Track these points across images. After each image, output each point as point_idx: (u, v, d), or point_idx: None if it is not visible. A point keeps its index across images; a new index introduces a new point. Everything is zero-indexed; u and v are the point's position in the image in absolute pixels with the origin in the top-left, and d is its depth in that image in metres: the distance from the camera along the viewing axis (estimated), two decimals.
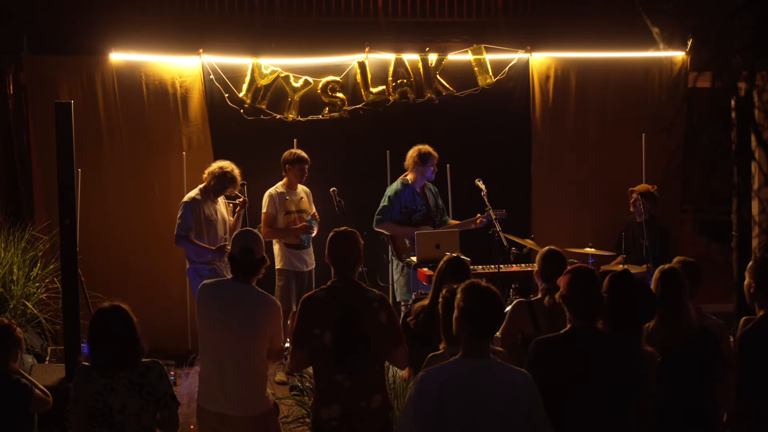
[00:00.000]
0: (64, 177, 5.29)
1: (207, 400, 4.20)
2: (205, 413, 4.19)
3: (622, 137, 8.05)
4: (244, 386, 4.14)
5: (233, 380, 4.12)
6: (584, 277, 3.64)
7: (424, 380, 3.19)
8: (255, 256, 4.21)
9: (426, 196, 7.15)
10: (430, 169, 7.06)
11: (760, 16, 2.77)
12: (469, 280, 3.36)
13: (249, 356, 4.13)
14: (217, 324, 4.17)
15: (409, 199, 7.07)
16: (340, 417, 3.92)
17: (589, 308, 3.59)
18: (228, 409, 4.12)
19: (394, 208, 7.04)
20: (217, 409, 4.15)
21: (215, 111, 7.82)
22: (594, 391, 3.48)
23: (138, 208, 7.73)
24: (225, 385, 4.13)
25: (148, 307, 7.29)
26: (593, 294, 3.61)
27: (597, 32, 8.05)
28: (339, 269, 4.06)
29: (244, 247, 4.20)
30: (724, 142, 2.95)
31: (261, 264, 4.26)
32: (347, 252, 4.06)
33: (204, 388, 4.24)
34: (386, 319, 3.97)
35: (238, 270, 4.24)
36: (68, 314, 5.37)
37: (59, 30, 7.72)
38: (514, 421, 3.11)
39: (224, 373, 4.13)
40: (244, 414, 4.13)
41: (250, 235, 4.30)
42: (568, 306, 3.62)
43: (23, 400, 4.23)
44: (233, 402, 4.12)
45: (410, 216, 7.05)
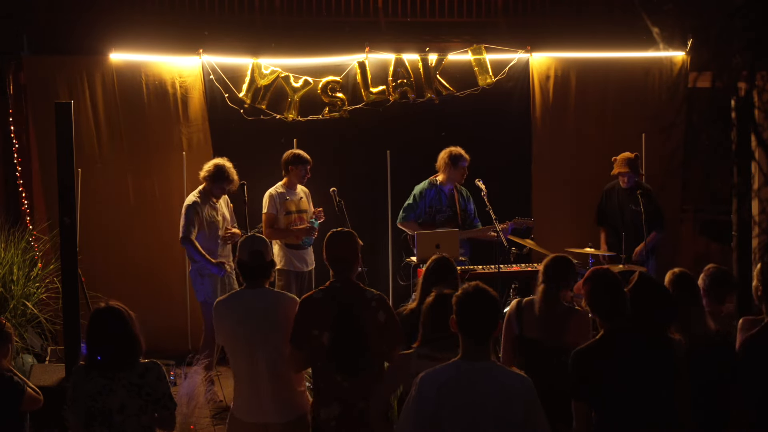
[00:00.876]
0: (64, 177, 5.29)
1: (247, 412, 4.11)
2: (245, 426, 4.10)
3: (622, 137, 8.05)
4: (285, 389, 4.09)
5: (274, 386, 4.06)
6: (601, 279, 3.64)
7: (423, 382, 3.18)
8: (265, 259, 4.18)
9: (454, 199, 7.12)
10: (459, 171, 7.02)
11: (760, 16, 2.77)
12: (467, 283, 3.34)
13: (284, 356, 4.07)
14: (243, 336, 4.11)
15: (435, 199, 7.05)
16: (339, 417, 3.92)
17: (611, 310, 3.58)
18: (271, 417, 4.06)
19: (418, 206, 7.05)
20: (259, 420, 4.07)
21: (215, 111, 7.82)
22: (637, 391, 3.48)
23: (138, 208, 7.74)
24: (266, 393, 4.06)
25: (148, 307, 7.30)
26: (617, 295, 3.60)
27: (597, 32, 8.06)
28: (337, 270, 4.06)
29: (253, 251, 4.14)
30: (724, 142, 2.94)
31: (271, 267, 4.22)
32: (345, 252, 4.06)
33: (242, 401, 4.15)
34: (385, 318, 3.97)
35: (249, 275, 4.18)
36: (68, 314, 5.37)
37: (59, 30, 7.72)
38: (512, 424, 3.10)
39: (263, 382, 4.06)
40: (287, 419, 4.07)
41: (256, 239, 4.25)
42: (595, 312, 3.63)
43: (15, 397, 4.21)
44: (272, 408, 4.06)
45: (434, 216, 7.03)
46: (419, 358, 3.66)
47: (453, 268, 4.65)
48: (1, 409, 4.19)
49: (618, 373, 3.50)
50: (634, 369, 3.50)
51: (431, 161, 7.39)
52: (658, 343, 3.60)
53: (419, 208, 7.05)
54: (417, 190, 7.13)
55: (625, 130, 8.08)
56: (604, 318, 3.61)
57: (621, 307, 3.60)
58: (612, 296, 3.60)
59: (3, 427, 4.20)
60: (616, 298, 3.61)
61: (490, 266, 6.64)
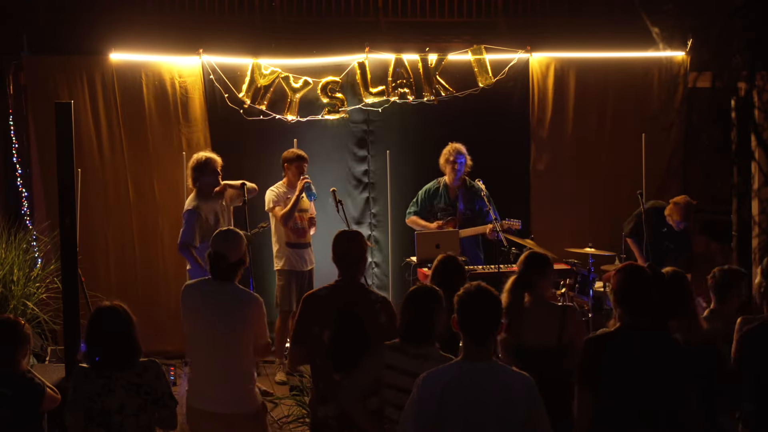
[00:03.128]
0: (64, 177, 5.29)
1: (197, 399, 4.21)
2: (196, 413, 4.20)
3: (622, 137, 8.06)
4: (232, 383, 4.16)
5: (222, 378, 4.14)
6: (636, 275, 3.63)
7: (426, 381, 3.19)
8: (228, 260, 4.18)
9: (458, 198, 7.17)
10: (449, 166, 7.11)
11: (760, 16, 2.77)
12: (469, 283, 3.34)
13: (236, 354, 4.15)
14: (202, 323, 4.20)
15: (436, 198, 7.18)
16: (336, 416, 3.93)
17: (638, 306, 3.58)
18: (218, 407, 4.14)
19: (420, 203, 7.25)
20: (208, 408, 4.16)
21: (215, 111, 7.81)
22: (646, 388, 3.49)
23: (138, 208, 7.73)
24: (212, 382, 4.16)
25: (148, 307, 7.35)
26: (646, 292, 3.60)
27: (597, 32, 8.06)
28: (343, 269, 4.08)
29: (216, 252, 4.19)
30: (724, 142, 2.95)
31: (237, 267, 4.23)
32: (352, 252, 4.08)
33: (194, 388, 4.25)
34: (386, 321, 3.97)
35: (213, 273, 4.24)
36: (68, 314, 5.37)
37: (59, 30, 7.72)
38: (513, 423, 3.10)
39: (213, 372, 4.15)
40: (233, 411, 4.14)
41: (228, 237, 4.27)
42: (618, 303, 3.62)
43: (36, 399, 4.20)
44: (223, 400, 4.14)
45: (435, 214, 7.17)
46: (391, 350, 3.68)
47: (460, 267, 4.65)
48: (24, 410, 4.17)
49: (630, 368, 3.50)
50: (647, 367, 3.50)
51: (431, 161, 7.40)
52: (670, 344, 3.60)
53: (421, 205, 7.23)
54: (423, 188, 7.32)
55: (625, 130, 8.08)
56: (629, 314, 3.59)
57: (648, 307, 3.59)
58: (642, 294, 3.59)
59: (24, 427, 4.18)
60: (646, 296, 3.59)
61: (490, 266, 6.64)
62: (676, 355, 3.56)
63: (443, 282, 4.36)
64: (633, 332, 3.57)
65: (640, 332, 3.57)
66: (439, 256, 4.73)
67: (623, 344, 3.55)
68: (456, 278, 4.44)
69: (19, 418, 4.15)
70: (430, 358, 3.55)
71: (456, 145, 7.14)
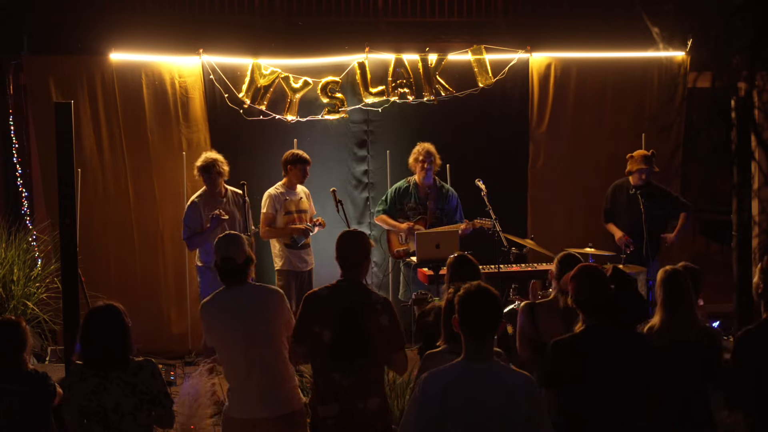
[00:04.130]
0: (64, 177, 5.29)
1: (241, 410, 4.11)
2: (240, 424, 4.11)
3: (622, 137, 8.06)
4: (278, 383, 4.12)
5: (266, 381, 4.08)
6: (590, 275, 3.66)
7: (428, 381, 3.20)
8: (237, 261, 4.17)
9: (428, 197, 7.17)
10: (419, 165, 7.14)
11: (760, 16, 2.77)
12: (469, 283, 3.34)
13: (274, 350, 4.10)
14: (232, 334, 4.12)
15: (406, 196, 7.22)
16: (336, 416, 3.93)
17: (597, 306, 3.61)
18: (266, 412, 4.07)
19: (390, 202, 7.26)
20: (254, 415, 4.07)
21: (215, 111, 7.81)
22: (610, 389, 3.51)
23: (138, 208, 7.73)
24: (259, 388, 4.08)
25: (147, 308, 7.36)
26: (600, 291, 3.63)
27: (597, 32, 8.06)
28: (346, 269, 4.08)
29: (223, 257, 4.17)
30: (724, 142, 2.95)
31: (246, 266, 4.21)
32: (355, 252, 4.08)
33: (236, 399, 4.15)
34: (387, 321, 3.97)
35: (225, 278, 4.21)
36: (68, 314, 5.37)
37: (59, 30, 7.71)
38: (515, 422, 3.11)
39: (255, 378, 4.08)
40: (282, 412, 4.09)
41: (229, 240, 4.26)
42: (578, 305, 3.65)
43: (49, 394, 4.21)
44: (270, 403, 4.08)
45: (405, 213, 7.21)
46: (450, 354, 3.64)
47: (475, 264, 4.66)
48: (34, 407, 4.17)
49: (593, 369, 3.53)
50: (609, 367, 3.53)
51: None
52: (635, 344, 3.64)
53: (390, 204, 7.27)
54: (393, 186, 7.37)
55: (625, 130, 8.09)
56: (588, 313, 3.64)
57: (606, 304, 3.63)
58: (598, 293, 3.63)
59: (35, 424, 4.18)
60: (602, 295, 3.63)
61: (490, 266, 6.64)
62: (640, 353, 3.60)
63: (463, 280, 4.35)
64: (594, 332, 3.60)
65: (600, 332, 3.60)
66: (452, 255, 4.73)
67: (585, 345, 3.58)
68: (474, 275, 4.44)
69: (31, 413, 4.15)
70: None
71: (425, 145, 7.16)
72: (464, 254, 4.72)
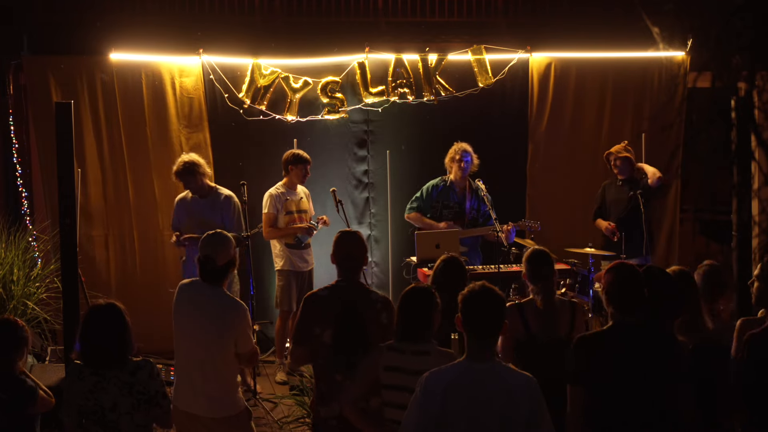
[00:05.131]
0: (64, 177, 5.29)
1: (179, 399, 4.22)
2: (178, 413, 4.21)
3: (622, 137, 8.05)
4: (211, 388, 4.17)
5: (201, 381, 4.16)
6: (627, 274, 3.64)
7: (429, 380, 3.20)
8: (216, 263, 4.18)
9: (465, 197, 7.12)
10: (458, 163, 7.04)
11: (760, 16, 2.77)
12: (473, 283, 3.34)
13: (215, 359, 4.16)
14: (186, 323, 4.23)
15: (443, 195, 7.10)
16: (338, 416, 3.92)
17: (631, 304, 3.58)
18: (197, 409, 4.16)
19: (424, 200, 7.12)
20: (188, 409, 4.17)
21: (215, 111, 7.81)
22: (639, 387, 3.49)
23: (138, 208, 7.73)
24: (194, 385, 4.17)
25: (148, 307, 7.34)
26: (636, 290, 3.60)
27: (597, 32, 8.06)
28: (344, 269, 4.09)
29: (205, 255, 4.20)
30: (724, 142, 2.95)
31: (225, 270, 4.24)
32: (353, 252, 4.09)
33: (176, 388, 4.27)
34: (387, 320, 3.98)
35: (203, 276, 4.25)
36: (68, 314, 5.37)
37: (59, 30, 7.71)
38: (516, 422, 3.11)
39: (193, 374, 4.17)
40: (213, 415, 4.16)
41: (215, 239, 4.27)
42: (611, 303, 3.62)
43: (26, 401, 4.20)
44: (202, 402, 4.15)
45: (441, 212, 7.07)
46: (389, 350, 3.68)
47: (462, 267, 4.65)
48: (13, 411, 4.17)
49: (621, 366, 3.50)
50: (638, 364, 3.50)
51: (431, 161, 7.40)
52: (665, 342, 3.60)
53: (426, 202, 7.11)
54: (429, 184, 7.19)
55: (625, 130, 8.09)
56: (619, 311, 3.60)
57: (638, 304, 3.60)
58: (632, 291, 3.60)
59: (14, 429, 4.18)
60: (636, 294, 3.60)
61: (490, 266, 6.64)
62: (669, 351, 3.57)
63: (446, 282, 4.36)
64: (624, 329, 3.58)
65: (631, 329, 3.57)
66: (441, 256, 4.73)
67: (614, 342, 3.56)
68: (458, 278, 4.44)
69: (10, 419, 4.15)
70: (430, 354, 3.56)
71: (463, 145, 7.08)
72: (452, 256, 4.70)
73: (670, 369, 3.54)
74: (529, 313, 4.30)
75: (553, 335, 4.23)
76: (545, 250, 4.49)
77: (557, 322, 4.26)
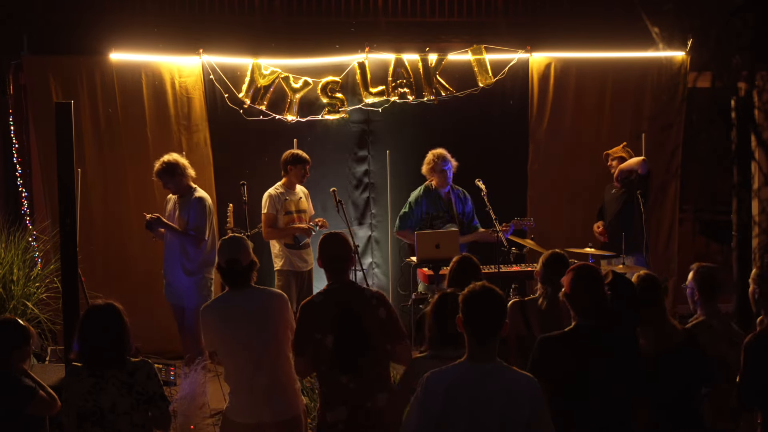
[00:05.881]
0: (64, 177, 5.28)
1: (243, 413, 4.09)
2: (237, 427, 4.10)
3: (622, 137, 8.04)
4: (282, 387, 4.11)
5: (272, 384, 4.08)
6: (587, 276, 3.65)
7: (430, 380, 3.20)
8: (242, 264, 4.16)
9: (451, 202, 7.08)
10: (440, 175, 6.97)
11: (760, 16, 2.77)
12: (473, 283, 3.34)
13: (276, 354, 4.10)
14: (236, 338, 4.11)
15: (431, 205, 7.00)
16: (346, 420, 3.92)
17: (591, 306, 3.60)
18: (269, 416, 4.05)
19: (414, 215, 6.99)
20: (257, 420, 4.06)
21: (215, 111, 7.81)
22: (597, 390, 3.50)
23: (138, 208, 7.71)
24: (254, 391, 4.06)
25: (148, 307, 7.34)
26: (596, 292, 3.62)
27: (597, 32, 8.06)
28: (332, 271, 4.08)
29: (229, 258, 4.17)
30: (724, 142, 2.95)
31: (251, 269, 4.21)
32: (339, 253, 4.08)
33: (238, 402, 4.13)
34: (385, 314, 3.98)
35: (230, 281, 4.20)
36: (68, 314, 5.36)
37: (59, 30, 7.71)
38: (516, 423, 3.11)
39: (257, 381, 4.06)
40: (284, 417, 4.08)
41: (234, 242, 4.24)
42: (571, 304, 3.64)
43: (21, 401, 4.16)
44: (274, 407, 4.07)
45: (431, 223, 6.96)
46: (432, 359, 3.65)
47: (477, 268, 4.64)
48: (7, 411, 4.15)
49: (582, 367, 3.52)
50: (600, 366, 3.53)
51: None
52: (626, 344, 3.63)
53: (415, 216, 7.00)
54: (412, 197, 7.08)
55: (625, 130, 8.08)
56: (581, 313, 3.64)
57: (599, 305, 3.62)
58: (592, 293, 3.62)
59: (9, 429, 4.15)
60: (596, 295, 3.62)
61: (490, 266, 6.64)
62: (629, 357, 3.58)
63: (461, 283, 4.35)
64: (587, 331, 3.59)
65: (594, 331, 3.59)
66: (456, 257, 4.74)
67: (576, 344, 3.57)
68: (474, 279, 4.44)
69: (6, 419, 4.12)
70: None
71: (440, 151, 6.99)
72: (467, 256, 4.71)
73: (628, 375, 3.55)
74: (531, 311, 4.30)
75: None
76: (564, 254, 4.48)
77: (559, 321, 4.26)
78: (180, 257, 6.35)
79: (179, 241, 6.36)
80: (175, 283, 6.40)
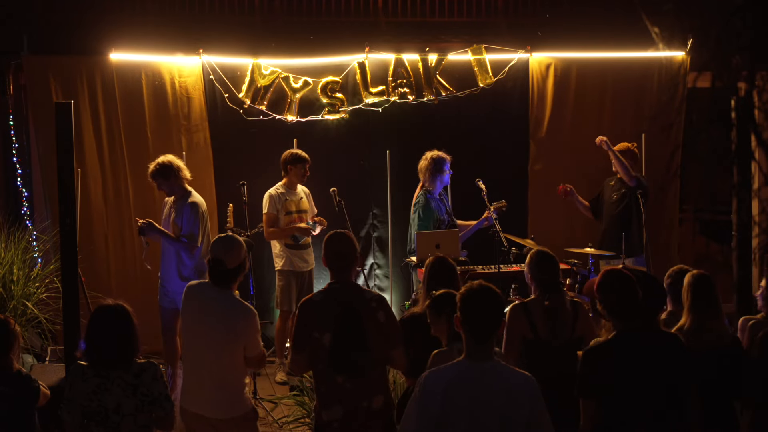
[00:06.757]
0: (64, 177, 5.28)
1: (185, 399, 4.23)
2: (184, 412, 4.21)
3: (622, 137, 8.04)
4: (218, 389, 4.16)
5: (208, 382, 4.15)
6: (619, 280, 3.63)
7: (429, 380, 3.19)
8: (226, 266, 4.16)
9: (444, 203, 7.09)
10: (447, 174, 6.97)
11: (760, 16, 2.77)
12: (470, 282, 3.34)
13: (223, 361, 4.15)
14: (195, 326, 4.22)
15: (437, 211, 6.95)
16: (341, 419, 3.93)
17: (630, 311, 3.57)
18: (204, 409, 4.16)
19: (430, 225, 6.86)
20: (196, 410, 4.17)
21: (215, 111, 7.81)
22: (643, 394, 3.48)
23: (138, 208, 7.73)
24: (201, 385, 4.17)
25: (148, 308, 7.29)
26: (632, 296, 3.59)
27: (597, 32, 8.06)
28: (336, 270, 4.08)
29: (215, 258, 4.19)
30: (724, 142, 2.95)
31: (236, 273, 4.21)
32: (343, 250, 4.08)
33: (185, 388, 4.28)
34: (384, 318, 3.98)
35: (212, 278, 4.23)
36: (68, 314, 5.36)
37: (59, 30, 7.71)
38: (516, 422, 3.11)
39: (201, 374, 4.17)
40: (219, 416, 4.15)
41: (225, 242, 4.25)
42: (610, 313, 3.61)
43: (33, 397, 4.22)
44: (208, 403, 4.15)
45: (440, 227, 6.88)
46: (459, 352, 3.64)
47: (452, 267, 4.62)
48: (20, 408, 4.17)
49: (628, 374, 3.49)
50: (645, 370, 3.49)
51: None
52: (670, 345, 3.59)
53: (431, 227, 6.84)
54: (421, 209, 6.92)
55: (625, 130, 8.07)
56: (619, 319, 3.59)
57: (635, 308, 3.58)
58: (627, 297, 3.58)
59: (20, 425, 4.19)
60: (631, 298, 3.58)
61: (490, 266, 6.64)
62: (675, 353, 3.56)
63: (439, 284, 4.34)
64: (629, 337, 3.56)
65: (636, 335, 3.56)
66: (429, 258, 4.68)
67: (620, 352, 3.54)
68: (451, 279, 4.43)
69: (16, 414, 4.16)
70: None
71: (442, 154, 6.97)
72: (440, 257, 4.68)
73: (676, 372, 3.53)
74: (536, 313, 4.29)
75: (560, 335, 4.22)
76: (546, 251, 4.47)
77: (564, 322, 4.25)
78: (176, 262, 6.30)
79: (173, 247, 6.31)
80: (171, 287, 6.34)
